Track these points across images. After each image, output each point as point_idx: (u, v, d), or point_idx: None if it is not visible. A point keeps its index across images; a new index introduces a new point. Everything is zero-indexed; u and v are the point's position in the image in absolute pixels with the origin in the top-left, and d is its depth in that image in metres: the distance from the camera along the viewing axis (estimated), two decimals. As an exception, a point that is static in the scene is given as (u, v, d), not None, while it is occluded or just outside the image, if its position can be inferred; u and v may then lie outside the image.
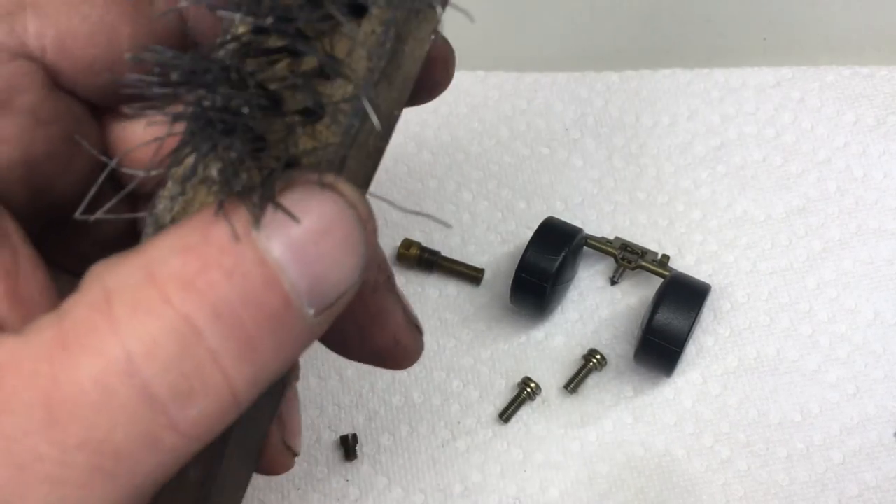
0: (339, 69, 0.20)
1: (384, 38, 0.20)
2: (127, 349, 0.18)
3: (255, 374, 0.19)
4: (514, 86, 0.56)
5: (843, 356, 0.47)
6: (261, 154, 0.19)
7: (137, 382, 0.18)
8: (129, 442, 0.18)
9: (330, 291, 0.20)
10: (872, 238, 0.50)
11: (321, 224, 0.19)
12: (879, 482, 0.44)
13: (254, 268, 0.19)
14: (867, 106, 0.53)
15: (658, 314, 0.45)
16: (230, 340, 0.18)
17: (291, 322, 0.19)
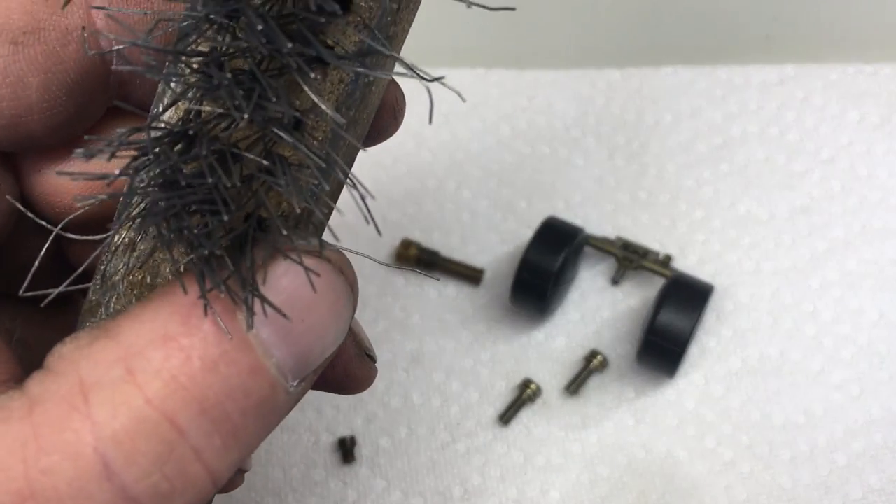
0: (304, 133, 0.18)
1: (352, 91, 0.19)
2: (104, 453, 0.17)
3: (237, 458, 0.19)
4: (514, 83, 0.55)
5: (848, 357, 0.47)
6: (221, 229, 0.17)
7: (116, 486, 0.17)
8: None
9: (315, 361, 0.20)
10: (877, 238, 0.49)
11: (307, 299, 0.19)
12: (884, 485, 0.44)
13: (239, 356, 0.18)
14: (871, 104, 0.53)
15: (660, 315, 0.44)
16: (214, 436, 0.18)
17: (275, 402, 0.19)
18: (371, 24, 0.18)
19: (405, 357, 0.48)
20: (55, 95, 0.22)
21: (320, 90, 0.18)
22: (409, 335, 0.49)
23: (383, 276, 0.50)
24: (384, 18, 0.18)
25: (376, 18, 0.18)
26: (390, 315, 0.49)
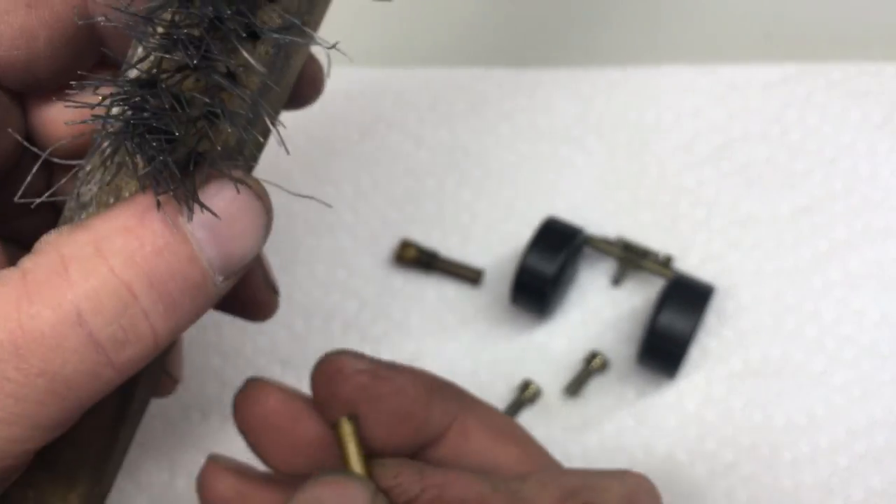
0: (235, 88, 0.24)
1: (275, 58, 0.25)
2: (78, 305, 0.23)
3: (174, 327, 0.25)
4: (514, 82, 0.55)
5: (850, 358, 0.46)
6: (174, 149, 0.23)
7: (85, 331, 0.23)
8: (77, 374, 0.23)
9: (237, 263, 0.26)
10: (879, 238, 0.49)
11: (233, 212, 0.25)
12: (886, 486, 0.44)
13: (180, 247, 0.24)
14: (874, 103, 0.52)
15: (661, 316, 0.44)
16: (158, 303, 0.24)
17: (205, 289, 0.25)
18: (290, 12, 0.25)
19: (405, 358, 0.48)
20: (57, 46, 0.29)
21: (251, 52, 0.24)
22: (408, 336, 0.49)
23: (383, 277, 0.50)
24: (302, 7, 0.26)
25: (295, 7, 0.25)
26: (389, 315, 0.49)
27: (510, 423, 0.30)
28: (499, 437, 0.32)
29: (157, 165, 0.23)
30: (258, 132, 0.27)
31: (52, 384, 0.23)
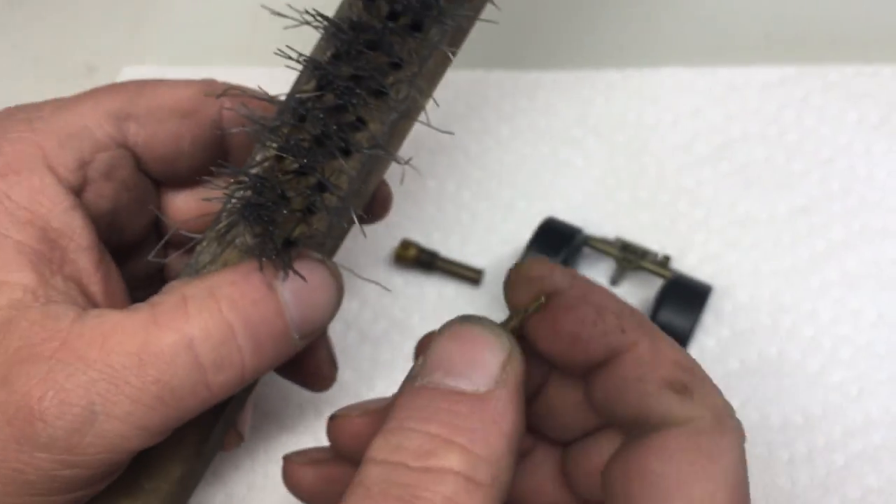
0: (331, 187, 0.31)
1: (361, 171, 0.32)
2: (191, 333, 0.29)
3: (258, 365, 0.30)
4: (514, 84, 0.55)
5: (847, 358, 0.47)
6: (277, 229, 0.30)
7: (193, 354, 0.29)
8: (182, 388, 0.29)
9: (312, 326, 0.32)
10: (876, 238, 0.49)
11: (316, 283, 0.31)
12: (882, 485, 0.44)
13: (271, 302, 0.30)
14: (871, 105, 0.53)
15: (659, 315, 0.45)
16: (250, 342, 0.30)
17: (286, 340, 0.31)
18: (376, 137, 0.32)
19: (405, 357, 0.48)
20: (196, 149, 0.36)
21: (345, 166, 0.31)
22: (408, 335, 0.49)
23: (384, 278, 0.50)
24: (385, 135, 0.32)
25: (380, 134, 0.32)
26: (390, 315, 0.49)
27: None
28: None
29: (263, 239, 0.30)
30: (343, 226, 0.34)
31: (162, 392, 0.29)
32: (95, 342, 0.29)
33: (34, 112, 0.33)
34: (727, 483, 0.26)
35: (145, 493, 0.33)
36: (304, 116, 0.31)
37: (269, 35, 0.60)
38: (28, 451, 0.28)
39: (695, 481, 0.25)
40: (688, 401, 0.26)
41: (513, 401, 0.26)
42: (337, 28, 0.32)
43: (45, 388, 0.28)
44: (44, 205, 0.32)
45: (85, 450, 0.29)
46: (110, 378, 0.28)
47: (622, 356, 0.28)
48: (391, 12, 0.32)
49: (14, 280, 0.30)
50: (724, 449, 0.26)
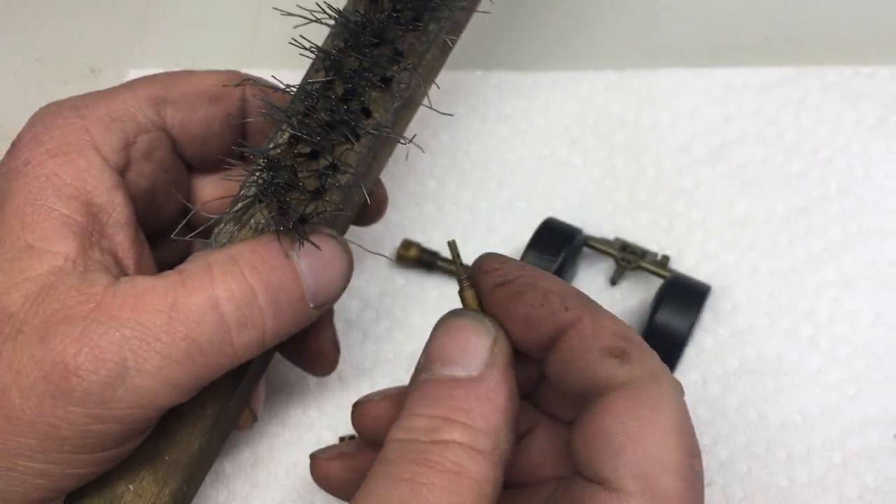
0: (342, 166, 0.34)
1: (368, 152, 0.35)
2: (217, 294, 0.31)
3: (278, 327, 0.33)
4: (514, 85, 0.56)
5: (844, 357, 0.47)
6: (288, 209, 0.33)
7: (219, 313, 0.31)
8: (207, 344, 0.31)
9: (325, 296, 0.34)
10: (874, 238, 0.50)
11: (329, 256, 0.34)
12: (880, 484, 0.44)
13: (289, 270, 0.33)
14: (869, 106, 0.53)
15: (658, 315, 0.45)
16: (270, 305, 0.32)
17: (301, 307, 0.33)
18: (381, 123, 0.35)
19: (406, 357, 0.48)
20: (223, 132, 0.39)
21: (355, 147, 0.34)
22: (410, 334, 0.49)
23: (384, 276, 0.51)
24: (389, 120, 0.35)
25: (384, 120, 0.35)
26: (391, 315, 0.50)
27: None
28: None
29: (279, 214, 0.33)
30: (354, 201, 0.37)
31: (190, 348, 0.31)
32: (128, 303, 0.31)
33: (80, 101, 0.36)
34: (672, 428, 0.28)
35: (166, 465, 0.35)
36: (315, 103, 0.34)
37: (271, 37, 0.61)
38: (63, 406, 0.30)
39: (643, 431, 0.28)
40: (626, 364, 0.29)
41: (504, 378, 0.30)
42: (346, 21, 0.34)
43: (80, 345, 0.30)
44: (89, 182, 0.34)
45: (117, 404, 0.30)
46: (142, 335, 0.30)
47: (568, 332, 0.30)
48: (393, 8, 0.35)
49: (56, 249, 0.32)
50: (664, 400, 0.29)
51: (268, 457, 0.46)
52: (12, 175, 0.34)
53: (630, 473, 0.27)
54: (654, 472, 0.28)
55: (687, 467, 0.28)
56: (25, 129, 0.35)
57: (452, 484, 0.28)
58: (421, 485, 0.28)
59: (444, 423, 0.29)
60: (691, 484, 0.28)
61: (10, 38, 0.60)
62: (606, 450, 0.28)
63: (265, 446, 0.46)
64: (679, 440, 0.28)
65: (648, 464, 0.28)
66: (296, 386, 0.48)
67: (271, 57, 0.59)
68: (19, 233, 0.32)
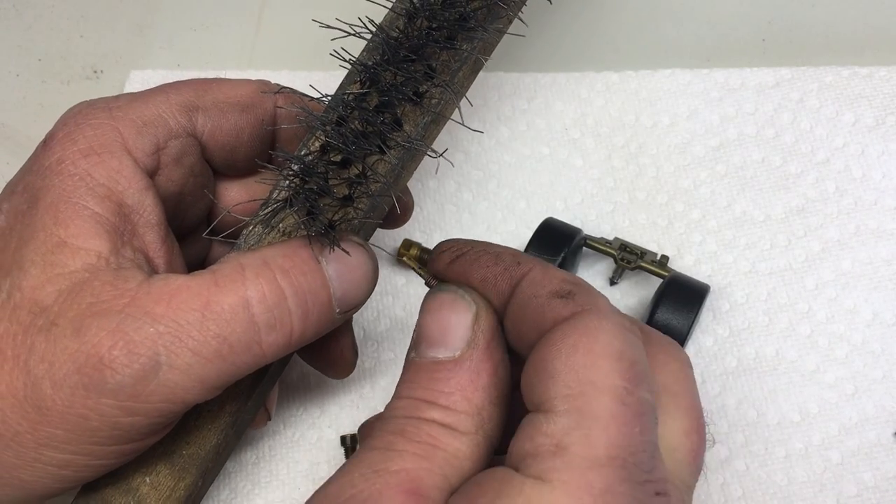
0: (373, 175, 0.35)
1: (398, 163, 0.36)
2: (249, 295, 0.32)
3: (304, 330, 0.34)
4: (513, 86, 0.56)
5: (842, 356, 0.47)
6: (319, 215, 0.34)
7: (250, 313, 0.32)
8: (237, 343, 0.32)
9: (351, 302, 0.35)
10: (871, 238, 0.50)
11: (355, 263, 0.35)
12: (878, 482, 0.44)
13: (318, 274, 0.34)
14: (866, 106, 0.53)
15: (657, 314, 0.45)
16: (298, 308, 0.33)
17: (328, 311, 0.34)
18: (411, 136, 0.36)
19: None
20: (253, 140, 0.39)
21: (386, 157, 0.36)
22: (409, 335, 0.49)
23: (385, 276, 0.51)
24: (418, 134, 0.36)
25: (414, 134, 0.36)
26: (392, 314, 0.50)
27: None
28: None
29: (310, 220, 0.34)
30: (382, 210, 0.38)
31: (221, 346, 0.32)
32: (162, 299, 0.32)
33: (112, 102, 0.37)
34: (608, 354, 0.27)
35: (183, 459, 0.36)
36: (349, 113, 0.35)
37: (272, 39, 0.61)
38: (94, 398, 0.31)
39: (576, 355, 0.27)
40: (570, 302, 0.29)
41: (487, 357, 0.30)
42: (387, 36, 0.36)
43: (115, 339, 0.31)
44: (120, 183, 0.34)
45: (148, 398, 0.31)
46: (175, 331, 0.31)
47: (521, 283, 0.31)
48: (430, 27, 0.36)
49: (90, 246, 0.33)
50: (602, 330, 0.28)
51: (269, 455, 0.46)
52: (46, 173, 0.34)
53: (559, 394, 0.27)
54: (583, 391, 0.27)
55: (623, 390, 0.27)
56: (58, 128, 0.35)
57: (426, 452, 0.28)
58: (393, 451, 0.28)
59: (426, 406, 0.29)
60: (626, 406, 0.27)
61: (12, 39, 0.60)
62: (541, 376, 0.28)
63: (266, 444, 0.47)
64: (615, 366, 0.27)
65: (578, 384, 0.27)
66: (297, 385, 0.48)
67: (272, 58, 0.59)
68: (52, 229, 0.33)
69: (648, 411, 0.27)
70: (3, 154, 0.57)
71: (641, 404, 0.27)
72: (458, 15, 0.36)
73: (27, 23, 0.61)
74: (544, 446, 0.26)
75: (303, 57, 0.57)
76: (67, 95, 0.58)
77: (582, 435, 0.26)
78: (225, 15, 0.60)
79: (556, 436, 0.26)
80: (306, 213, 0.34)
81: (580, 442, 0.26)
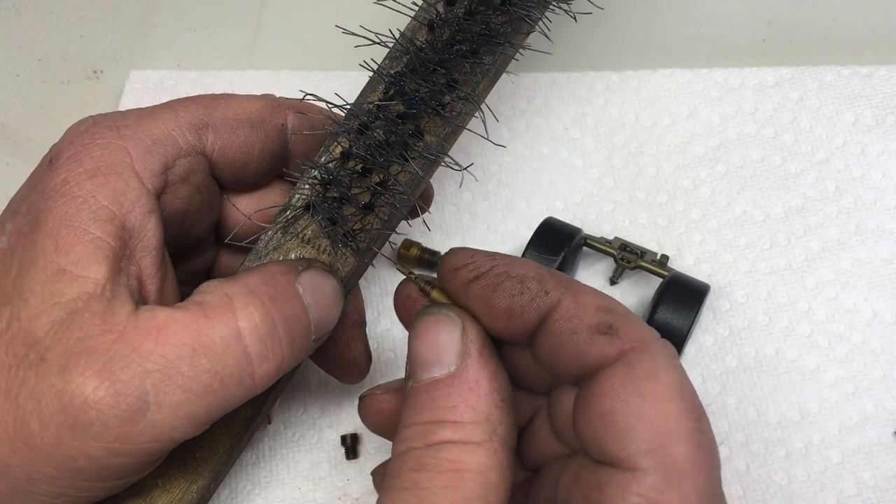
0: (398, 184, 0.35)
1: (421, 174, 0.36)
2: (240, 326, 0.32)
3: (292, 357, 0.33)
4: (513, 86, 0.56)
5: (842, 355, 0.47)
6: (340, 224, 0.35)
7: (242, 345, 0.32)
8: (229, 376, 0.31)
9: (324, 329, 0.35)
10: (871, 238, 0.50)
11: (327, 289, 0.35)
12: (878, 481, 0.44)
13: (300, 302, 0.34)
14: (866, 105, 0.53)
15: (657, 314, 0.45)
16: (287, 335, 0.33)
17: (308, 338, 0.34)
18: (430, 147, 0.36)
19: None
20: (263, 157, 0.39)
21: (408, 166, 0.36)
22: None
23: (386, 276, 0.51)
24: (438, 145, 0.36)
25: (434, 144, 0.36)
26: (392, 314, 0.50)
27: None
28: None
29: (333, 229, 0.35)
30: (401, 216, 0.38)
31: (212, 381, 0.31)
32: (150, 334, 0.31)
33: (120, 120, 0.36)
34: (673, 396, 0.28)
35: (196, 462, 0.36)
36: (372, 122, 0.36)
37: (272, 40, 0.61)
38: (81, 440, 0.30)
39: (645, 405, 0.28)
40: (616, 339, 0.29)
41: (482, 364, 0.30)
42: (413, 46, 0.36)
43: (101, 379, 0.30)
44: (124, 206, 0.34)
45: (135, 439, 0.30)
46: (164, 368, 0.30)
47: (552, 315, 0.30)
48: (454, 38, 0.36)
49: (88, 274, 0.32)
50: (659, 369, 0.28)
51: (269, 455, 0.46)
52: (50, 194, 0.33)
53: (641, 450, 0.27)
54: (664, 444, 0.27)
55: (695, 431, 0.28)
56: (65, 147, 0.35)
57: (453, 481, 0.28)
58: (422, 489, 0.28)
59: (434, 427, 0.29)
60: (702, 447, 0.28)
61: (12, 39, 0.61)
62: (612, 430, 0.28)
63: (266, 445, 0.47)
64: (682, 406, 0.28)
65: (657, 437, 0.27)
66: (297, 385, 0.48)
67: (272, 58, 0.59)
68: (53, 255, 0.32)
69: (715, 444, 0.29)
70: (3, 154, 0.57)
71: (710, 441, 0.28)
72: (484, 28, 0.36)
73: (27, 23, 0.61)
74: None
75: (303, 57, 0.57)
76: (67, 95, 0.58)
77: (675, 492, 0.27)
78: (225, 15, 0.60)
79: (649, 496, 0.27)
80: (328, 220, 0.34)
81: (675, 499, 0.27)
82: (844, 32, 0.57)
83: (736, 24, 0.58)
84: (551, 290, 0.31)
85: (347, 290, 0.37)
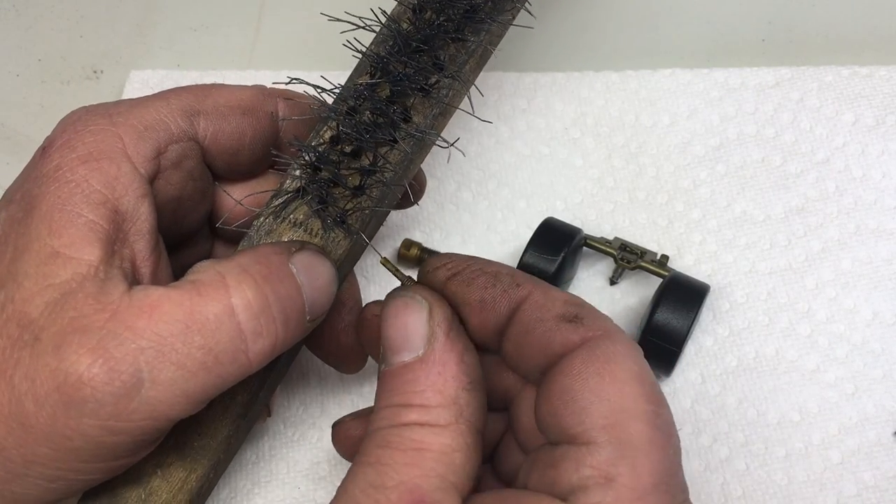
0: (385, 164, 0.36)
1: (410, 152, 0.37)
2: (234, 303, 0.32)
3: (287, 336, 0.33)
4: (513, 85, 0.56)
5: (842, 356, 0.47)
6: (332, 206, 0.36)
7: (235, 321, 0.31)
8: (223, 354, 0.31)
9: (318, 310, 0.35)
10: (871, 238, 0.50)
11: (321, 270, 0.35)
12: (878, 481, 0.44)
13: (294, 282, 0.34)
14: (866, 106, 0.53)
15: (657, 314, 0.45)
16: (281, 313, 0.33)
17: (303, 319, 0.34)
18: (419, 127, 0.37)
19: (406, 356, 0.49)
20: (255, 144, 0.39)
21: (398, 146, 0.36)
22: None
23: (385, 276, 0.51)
24: (427, 125, 0.37)
25: (423, 125, 0.37)
26: (391, 314, 0.50)
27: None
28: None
29: (323, 209, 0.35)
30: (393, 197, 0.38)
31: (206, 358, 0.31)
32: (144, 312, 0.31)
33: (112, 108, 0.36)
34: (632, 379, 0.29)
35: (194, 451, 0.36)
36: (360, 104, 0.36)
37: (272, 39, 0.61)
38: (76, 418, 0.30)
39: (603, 384, 0.29)
40: (580, 326, 0.31)
41: (449, 347, 0.31)
42: (399, 27, 0.37)
43: (95, 357, 0.30)
44: (117, 189, 0.34)
45: (130, 416, 0.30)
46: (158, 345, 0.30)
47: (521, 307, 0.32)
48: (438, 18, 0.37)
49: (82, 256, 0.32)
50: (620, 355, 0.30)
51: (269, 454, 0.46)
52: (43, 180, 0.34)
53: (597, 425, 0.28)
54: (619, 420, 0.28)
55: (652, 413, 0.29)
56: (57, 135, 0.35)
57: (415, 459, 0.29)
58: (384, 465, 0.29)
59: (402, 409, 0.30)
60: (659, 429, 0.29)
61: (12, 39, 0.61)
62: (571, 407, 0.29)
63: (266, 444, 0.47)
64: (640, 390, 0.29)
65: (613, 413, 0.28)
66: (297, 383, 0.48)
67: (272, 58, 0.59)
68: (46, 239, 0.32)
69: (674, 431, 0.29)
70: (3, 154, 0.57)
71: (668, 425, 0.29)
72: (467, 7, 0.37)
73: (27, 23, 0.61)
74: (592, 479, 0.28)
75: (303, 57, 0.57)
76: (67, 96, 0.58)
77: (628, 465, 0.28)
78: (225, 15, 0.60)
79: (602, 467, 0.28)
80: (319, 202, 0.34)
81: (627, 472, 0.28)
82: (844, 32, 0.57)
83: (736, 24, 0.58)
84: (522, 283, 0.32)
85: (342, 273, 0.37)
